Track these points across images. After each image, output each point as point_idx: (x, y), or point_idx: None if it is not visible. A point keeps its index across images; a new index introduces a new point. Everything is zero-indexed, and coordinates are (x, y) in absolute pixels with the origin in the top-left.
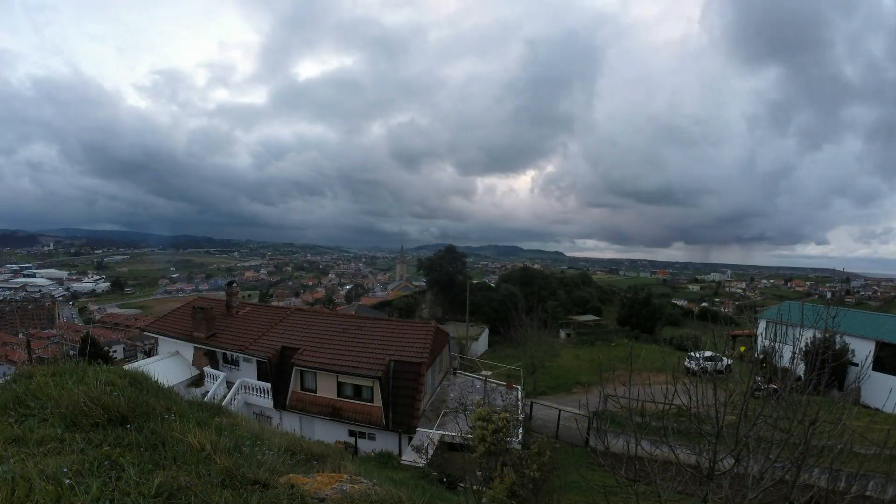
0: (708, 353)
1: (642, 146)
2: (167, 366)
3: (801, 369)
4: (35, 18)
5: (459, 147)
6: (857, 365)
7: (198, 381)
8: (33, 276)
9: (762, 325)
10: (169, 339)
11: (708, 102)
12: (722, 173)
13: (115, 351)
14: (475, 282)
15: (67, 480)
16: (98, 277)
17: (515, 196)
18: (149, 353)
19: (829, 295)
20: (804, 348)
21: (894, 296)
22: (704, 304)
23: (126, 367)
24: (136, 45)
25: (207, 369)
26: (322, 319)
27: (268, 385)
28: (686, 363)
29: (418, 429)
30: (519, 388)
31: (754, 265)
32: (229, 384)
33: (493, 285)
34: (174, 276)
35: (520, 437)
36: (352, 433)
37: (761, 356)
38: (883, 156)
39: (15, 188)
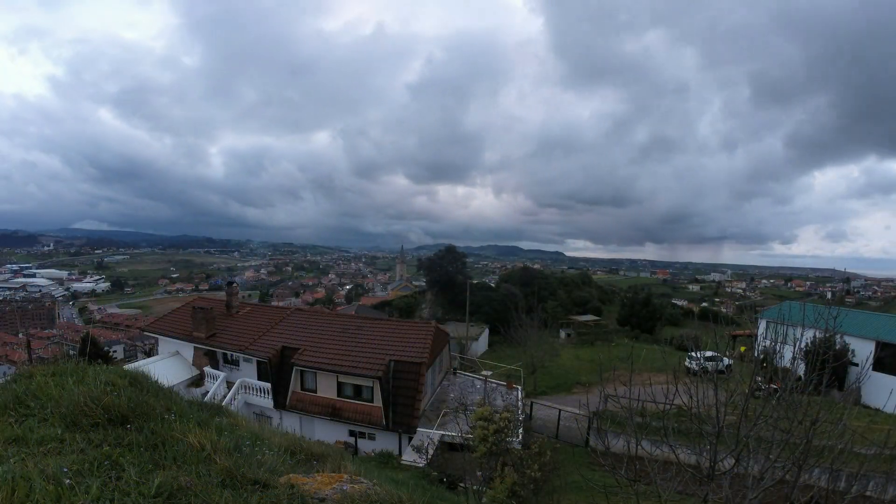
0: (708, 353)
1: (552, 154)
2: (167, 366)
3: (801, 369)
4: (9, 50)
5: (404, 159)
6: (857, 365)
7: (198, 381)
8: (33, 276)
9: (762, 325)
10: (169, 339)
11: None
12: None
13: (115, 351)
14: (475, 282)
15: (67, 480)
16: (98, 277)
17: (475, 200)
18: (149, 353)
19: (829, 295)
20: (804, 348)
21: (894, 296)
22: (705, 304)
23: (126, 367)
24: (104, 72)
25: (207, 369)
26: (322, 319)
27: (268, 385)
28: (686, 363)
29: (418, 429)
30: (519, 388)
31: (753, 265)
32: (229, 384)
33: (493, 285)
34: (174, 276)
35: (520, 437)
36: (352, 433)
37: (762, 356)
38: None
39: (21, 193)
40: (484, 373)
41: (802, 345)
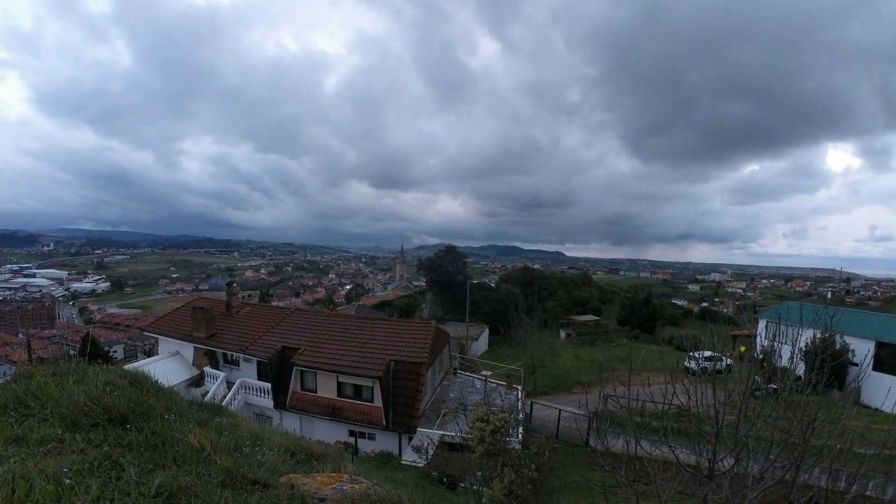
0: (708, 353)
1: (473, 163)
2: (167, 366)
3: (800, 369)
4: None
5: (354, 169)
6: (856, 365)
7: (198, 381)
8: (33, 276)
9: (762, 324)
10: (169, 340)
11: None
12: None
13: (115, 351)
14: (475, 282)
15: (67, 480)
16: (98, 277)
17: (440, 203)
18: (149, 353)
19: (828, 295)
20: (804, 348)
21: (894, 296)
22: (704, 305)
23: (126, 367)
24: (81, 95)
25: (207, 369)
26: (322, 319)
27: (268, 385)
28: (686, 363)
29: (418, 429)
30: (519, 388)
31: (750, 265)
32: (229, 384)
33: (493, 285)
34: (174, 276)
35: (519, 437)
36: (352, 433)
37: (761, 356)
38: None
39: (21, 194)
40: (484, 373)
41: (802, 345)
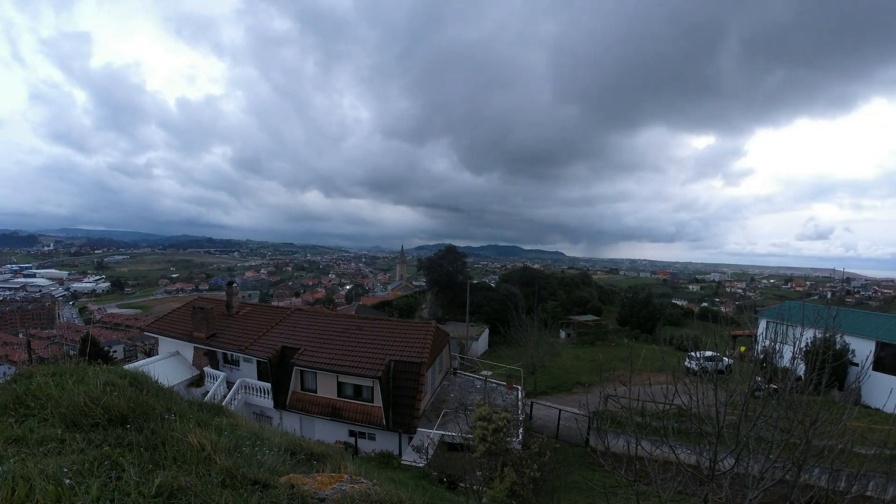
0: (708, 353)
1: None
2: (167, 366)
3: (801, 369)
4: None
5: (310, 183)
6: (857, 365)
7: (198, 381)
8: (33, 276)
9: (762, 324)
10: (169, 340)
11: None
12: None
13: (115, 351)
14: (475, 282)
15: (67, 480)
16: (98, 277)
17: (400, 207)
18: (149, 353)
19: (829, 295)
20: (804, 348)
21: (894, 296)
22: (705, 304)
23: (126, 367)
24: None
25: (207, 369)
26: (322, 319)
27: (268, 385)
28: (686, 363)
29: (419, 429)
30: (519, 388)
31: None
32: (229, 384)
33: (493, 285)
34: (174, 276)
35: (520, 437)
36: (352, 433)
37: (762, 356)
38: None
39: (21, 194)
40: (484, 373)
41: (802, 345)
